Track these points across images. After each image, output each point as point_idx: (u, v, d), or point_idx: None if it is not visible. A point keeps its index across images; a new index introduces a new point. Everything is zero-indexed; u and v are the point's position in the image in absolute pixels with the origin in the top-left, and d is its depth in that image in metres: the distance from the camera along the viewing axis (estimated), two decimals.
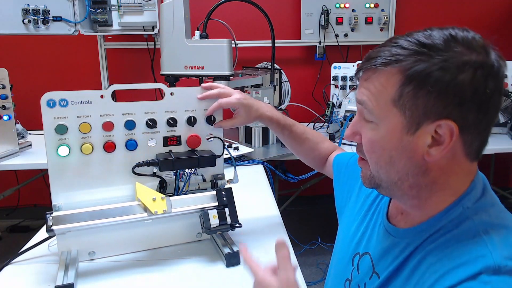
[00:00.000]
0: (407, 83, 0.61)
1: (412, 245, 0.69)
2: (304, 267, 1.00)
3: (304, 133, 1.17)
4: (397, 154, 0.65)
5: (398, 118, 0.63)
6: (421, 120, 0.62)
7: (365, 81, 0.67)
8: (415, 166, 0.65)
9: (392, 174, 0.67)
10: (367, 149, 0.69)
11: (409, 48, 0.62)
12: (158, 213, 0.97)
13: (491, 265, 0.57)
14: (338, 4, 2.74)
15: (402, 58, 0.62)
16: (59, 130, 0.95)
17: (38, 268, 0.99)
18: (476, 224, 0.64)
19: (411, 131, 0.63)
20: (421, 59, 0.60)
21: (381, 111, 0.65)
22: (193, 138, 1.07)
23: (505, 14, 2.99)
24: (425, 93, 0.60)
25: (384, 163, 0.67)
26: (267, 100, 2.06)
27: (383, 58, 0.63)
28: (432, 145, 0.62)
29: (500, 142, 2.19)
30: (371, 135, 0.67)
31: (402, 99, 0.62)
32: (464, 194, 0.66)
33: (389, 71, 0.63)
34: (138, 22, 2.41)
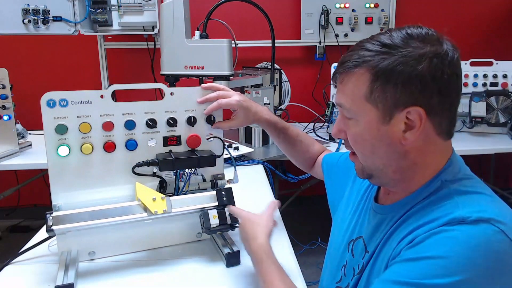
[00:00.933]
0: (375, 79, 0.69)
1: (396, 217, 0.76)
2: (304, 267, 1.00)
3: (298, 136, 1.23)
4: (377, 143, 0.73)
5: (372, 112, 0.71)
6: (392, 110, 0.70)
7: (340, 84, 0.75)
8: (395, 151, 0.73)
9: (377, 161, 0.75)
10: (352, 143, 0.78)
11: (373, 50, 0.70)
12: (158, 213, 0.97)
13: (457, 217, 0.64)
14: (338, 4, 2.74)
15: (368, 59, 0.70)
16: (59, 130, 0.95)
17: (38, 268, 0.99)
18: (452, 190, 0.71)
19: (386, 121, 0.71)
20: (384, 57, 0.69)
21: (357, 108, 0.73)
22: (193, 138, 1.07)
23: (505, 14, 2.98)
24: (391, 86, 0.68)
25: (369, 153, 0.76)
26: (267, 100, 2.06)
27: (352, 61, 0.72)
28: (406, 130, 0.70)
29: (500, 142, 2.20)
30: (353, 130, 0.76)
31: (373, 94, 0.70)
32: (443, 169, 0.74)
33: (358, 72, 0.71)
34: (138, 22, 2.41)
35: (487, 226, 0.62)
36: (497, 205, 0.68)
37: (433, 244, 0.63)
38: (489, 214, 0.63)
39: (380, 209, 0.82)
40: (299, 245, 2.61)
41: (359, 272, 0.80)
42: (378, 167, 0.76)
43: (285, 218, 1.27)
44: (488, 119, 2.26)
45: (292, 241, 1.13)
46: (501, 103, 2.26)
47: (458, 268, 0.59)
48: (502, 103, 2.26)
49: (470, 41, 2.91)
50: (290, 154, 1.26)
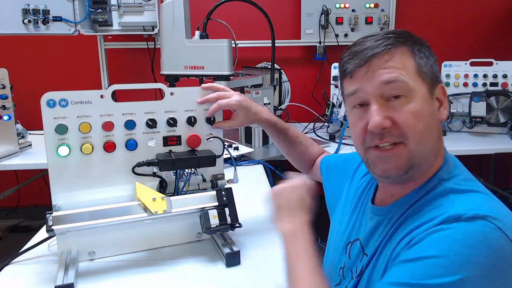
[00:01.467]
0: (417, 55, 0.72)
1: (394, 217, 0.75)
2: None
3: (298, 137, 1.22)
4: (432, 118, 0.73)
5: (424, 86, 0.72)
6: (434, 85, 0.73)
7: (385, 63, 0.71)
8: (439, 129, 0.75)
9: (430, 143, 0.72)
10: (410, 123, 0.70)
11: (402, 33, 0.74)
12: (158, 213, 0.97)
13: (452, 215, 0.64)
14: (338, 4, 2.74)
15: (405, 40, 0.72)
16: (59, 130, 0.95)
17: (38, 268, 0.99)
18: (447, 189, 0.71)
19: (432, 96, 0.73)
20: (415, 41, 0.73)
21: (413, 82, 0.71)
22: (193, 138, 1.07)
23: (505, 14, 2.98)
24: (431, 61, 0.73)
25: (427, 131, 0.72)
26: (267, 100, 2.06)
27: (393, 39, 0.72)
28: (439, 107, 0.74)
29: (500, 142, 2.19)
30: (410, 108, 0.70)
31: (421, 69, 0.72)
32: (440, 167, 0.75)
33: (401, 50, 0.72)
34: (138, 22, 2.41)
35: (484, 223, 0.61)
36: (492, 202, 0.68)
37: (431, 244, 0.62)
38: (484, 211, 0.63)
39: (378, 211, 0.81)
40: None
41: (358, 275, 0.79)
42: (427, 151, 0.72)
43: None
44: (488, 119, 2.26)
45: None
46: (501, 103, 2.26)
47: (457, 267, 0.58)
48: (502, 103, 2.26)
49: (470, 41, 2.91)
50: (289, 155, 1.26)
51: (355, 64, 0.73)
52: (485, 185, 0.74)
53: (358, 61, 0.73)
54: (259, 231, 1.16)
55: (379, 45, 0.71)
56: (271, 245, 1.08)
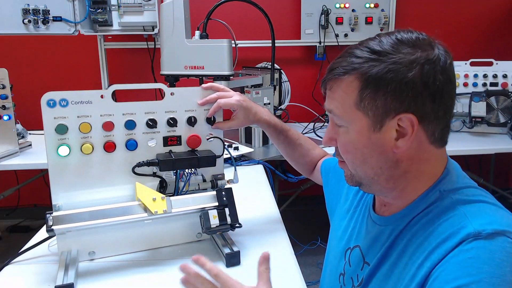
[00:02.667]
0: (365, 87, 0.68)
1: (396, 229, 0.74)
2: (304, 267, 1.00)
3: (298, 139, 1.20)
4: (369, 151, 0.71)
5: (363, 119, 0.70)
6: (383, 118, 0.68)
7: (330, 91, 0.74)
8: (386, 159, 0.71)
9: (368, 170, 0.73)
10: (342, 151, 0.76)
11: (362, 56, 0.69)
12: (158, 213, 0.97)
13: (471, 232, 0.62)
14: (338, 4, 2.74)
15: (357, 66, 0.68)
16: (59, 130, 0.95)
17: (38, 268, 0.99)
18: (454, 201, 0.69)
19: (377, 128, 0.69)
20: (373, 64, 0.67)
21: (347, 116, 0.71)
22: (193, 138, 1.07)
23: (505, 13, 2.98)
24: (382, 93, 0.67)
25: (359, 162, 0.74)
26: (267, 100, 2.06)
27: (341, 68, 0.70)
28: (398, 138, 0.69)
29: (500, 142, 2.19)
30: (343, 138, 0.74)
31: (363, 102, 0.69)
32: (440, 179, 0.72)
33: (348, 79, 0.70)
34: (138, 22, 2.41)
35: (504, 239, 0.60)
36: (504, 213, 0.67)
37: (460, 269, 0.59)
38: (502, 225, 0.62)
39: (379, 220, 0.80)
40: (299, 245, 2.61)
41: (359, 284, 0.79)
42: (369, 175, 0.74)
43: (285, 218, 1.27)
44: (488, 119, 2.26)
45: (292, 241, 1.13)
46: (501, 103, 2.26)
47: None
48: (502, 103, 2.26)
49: (470, 41, 2.91)
50: (290, 157, 1.23)
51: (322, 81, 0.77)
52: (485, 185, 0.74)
53: (323, 79, 0.76)
54: (259, 231, 1.16)
55: (334, 69, 0.72)
56: (271, 245, 1.08)
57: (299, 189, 2.54)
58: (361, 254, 0.81)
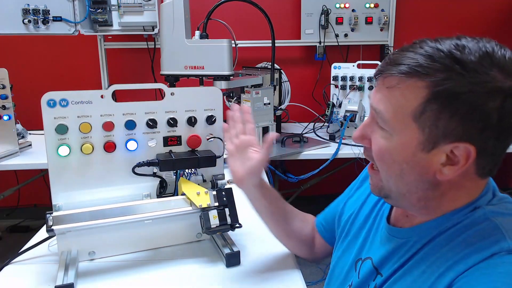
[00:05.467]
0: (432, 100, 0.58)
1: (421, 241, 0.68)
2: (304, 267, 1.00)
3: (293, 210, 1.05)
4: (408, 168, 0.63)
5: (415, 134, 0.60)
6: (439, 140, 0.59)
7: (386, 89, 0.62)
8: (426, 181, 0.63)
9: (401, 186, 0.66)
10: (377, 158, 0.66)
11: (440, 62, 0.57)
12: (202, 207, 1.00)
13: (505, 247, 0.57)
14: (338, 4, 2.74)
15: (431, 72, 0.57)
16: (60, 130, 0.95)
17: (38, 268, 0.99)
18: (486, 212, 0.64)
19: (427, 148, 0.61)
20: (451, 76, 0.56)
21: (398, 123, 0.62)
22: (193, 138, 1.07)
23: (505, 13, 2.98)
24: (449, 114, 0.57)
25: (394, 175, 0.65)
26: (267, 100, 2.06)
27: (410, 67, 0.59)
28: (446, 164, 0.61)
29: None
30: (382, 144, 0.64)
31: (424, 115, 0.59)
32: (478, 197, 0.66)
33: (414, 83, 0.59)
34: (138, 22, 2.41)
35: None
36: None
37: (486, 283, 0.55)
38: None
39: (398, 233, 0.74)
40: None
41: None
42: (401, 191, 0.66)
43: None
44: None
45: None
46: None
47: None
48: None
49: None
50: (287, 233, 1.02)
51: (377, 71, 0.66)
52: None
53: (380, 70, 0.65)
54: (259, 231, 1.16)
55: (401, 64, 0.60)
56: (271, 245, 1.08)
57: (299, 189, 2.55)
58: (373, 267, 0.77)
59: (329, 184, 2.68)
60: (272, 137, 0.91)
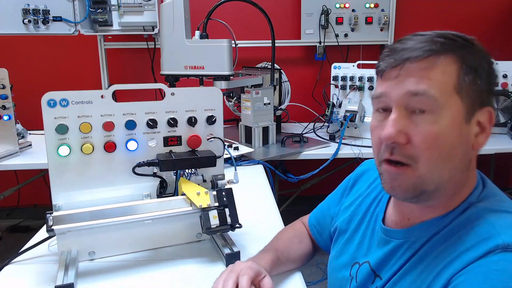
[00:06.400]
0: (466, 71, 0.64)
1: (418, 242, 0.69)
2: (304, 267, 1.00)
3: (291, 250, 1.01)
4: (458, 145, 0.64)
5: (459, 106, 0.64)
6: (474, 108, 0.65)
7: (420, 71, 0.63)
8: (467, 158, 0.67)
9: (446, 171, 0.65)
10: (427, 145, 0.63)
11: (457, 40, 0.65)
12: (202, 207, 1.00)
13: (500, 244, 0.58)
14: (338, 4, 2.74)
15: (455, 49, 0.64)
16: (60, 130, 0.95)
17: (38, 268, 0.99)
18: (480, 209, 0.66)
19: (468, 120, 0.65)
20: (469, 51, 0.65)
21: (445, 99, 0.63)
22: (193, 138, 1.07)
23: (505, 13, 2.98)
24: (477, 82, 0.64)
25: (443, 158, 0.64)
26: (267, 100, 2.06)
27: (440, 45, 0.64)
28: (478, 133, 0.66)
29: (500, 142, 2.19)
30: (431, 129, 0.63)
31: (463, 87, 0.64)
32: (471, 193, 0.69)
33: (445, 60, 0.64)
34: (138, 22, 2.41)
35: None
36: None
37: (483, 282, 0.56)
38: None
39: (396, 234, 0.74)
40: None
41: None
42: (442, 180, 0.65)
43: (285, 218, 1.27)
44: None
45: None
46: (501, 103, 2.26)
47: None
48: (502, 103, 2.26)
49: None
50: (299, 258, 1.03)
51: (388, 64, 0.67)
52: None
53: (392, 61, 0.66)
54: (259, 231, 1.16)
55: (421, 48, 0.63)
56: None
57: (299, 189, 2.54)
58: (370, 270, 0.77)
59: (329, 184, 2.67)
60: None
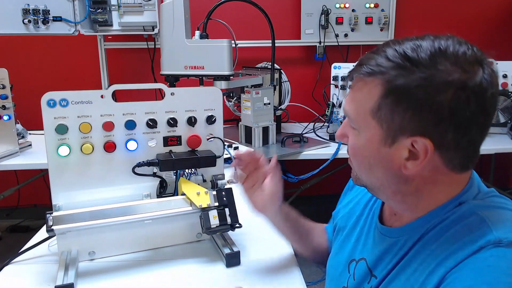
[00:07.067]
0: (386, 96, 0.61)
1: (410, 240, 0.70)
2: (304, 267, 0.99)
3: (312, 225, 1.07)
4: (375, 163, 0.67)
5: (376, 129, 0.65)
6: (397, 134, 0.62)
7: (352, 90, 0.69)
8: (394, 176, 0.67)
9: (373, 180, 0.70)
10: (350, 153, 0.73)
11: (393, 61, 0.61)
12: (202, 207, 1.00)
13: (492, 239, 0.58)
14: (338, 4, 2.74)
15: (385, 71, 0.61)
16: (60, 130, 0.95)
17: (38, 268, 0.99)
18: (472, 206, 0.65)
19: (388, 143, 0.64)
20: (402, 74, 0.60)
21: (361, 121, 0.67)
22: (193, 138, 1.07)
23: (505, 13, 2.98)
24: (402, 108, 0.60)
25: (364, 169, 0.70)
26: (267, 100, 2.06)
27: (368, 67, 0.64)
28: (409, 159, 0.63)
29: (500, 142, 2.19)
30: (353, 141, 0.70)
31: (380, 111, 0.63)
32: (461, 193, 0.67)
33: (372, 82, 0.63)
34: (138, 22, 2.41)
35: None
36: None
37: (475, 278, 0.56)
38: None
39: (389, 232, 0.76)
40: None
41: None
42: (375, 185, 0.71)
43: None
44: None
45: None
46: (501, 103, 2.26)
47: None
48: (502, 103, 2.26)
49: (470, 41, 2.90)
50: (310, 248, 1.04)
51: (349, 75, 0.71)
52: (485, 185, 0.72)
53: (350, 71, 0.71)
54: (259, 231, 1.16)
55: (363, 65, 0.65)
56: (271, 245, 1.08)
57: (299, 189, 2.54)
58: (367, 268, 0.78)
59: (329, 184, 2.68)
60: (275, 159, 0.94)
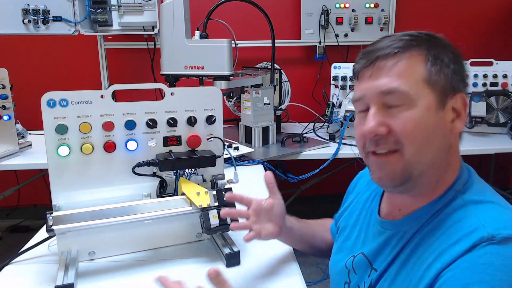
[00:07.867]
0: (432, 62, 0.68)
1: (410, 232, 0.72)
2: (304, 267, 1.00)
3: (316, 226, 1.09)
4: (434, 131, 0.68)
5: (431, 96, 0.68)
6: (447, 95, 0.69)
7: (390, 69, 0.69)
8: (446, 143, 0.70)
9: (429, 155, 0.69)
10: (406, 132, 0.67)
11: (415, 35, 0.70)
12: (202, 207, 1.00)
13: (485, 236, 0.60)
14: (338, 4, 2.74)
15: (417, 43, 0.69)
16: (60, 130, 0.95)
17: (38, 268, 0.99)
18: (465, 201, 0.68)
19: (441, 107, 0.68)
20: (431, 40, 0.70)
21: (416, 92, 0.67)
22: (193, 138, 1.07)
23: (504, 13, 2.98)
24: (444, 72, 0.68)
25: (425, 142, 0.68)
26: (267, 100, 2.06)
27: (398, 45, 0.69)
28: (455, 119, 0.70)
29: (500, 142, 2.19)
30: (408, 116, 0.67)
31: (432, 77, 0.68)
32: (455, 180, 0.72)
33: (411, 55, 0.68)
34: (138, 22, 2.41)
35: None
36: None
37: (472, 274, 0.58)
38: None
39: (388, 225, 0.77)
40: None
41: None
42: (426, 163, 0.69)
43: None
44: (488, 119, 2.26)
45: None
46: (501, 103, 2.26)
47: None
48: (502, 103, 2.26)
49: (470, 41, 2.91)
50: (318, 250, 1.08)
51: (362, 65, 0.72)
52: None
53: (364, 62, 0.72)
54: None
55: (389, 47, 0.69)
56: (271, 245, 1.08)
57: (299, 189, 2.54)
58: (367, 261, 0.79)
59: (329, 184, 2.68)
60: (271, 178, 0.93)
